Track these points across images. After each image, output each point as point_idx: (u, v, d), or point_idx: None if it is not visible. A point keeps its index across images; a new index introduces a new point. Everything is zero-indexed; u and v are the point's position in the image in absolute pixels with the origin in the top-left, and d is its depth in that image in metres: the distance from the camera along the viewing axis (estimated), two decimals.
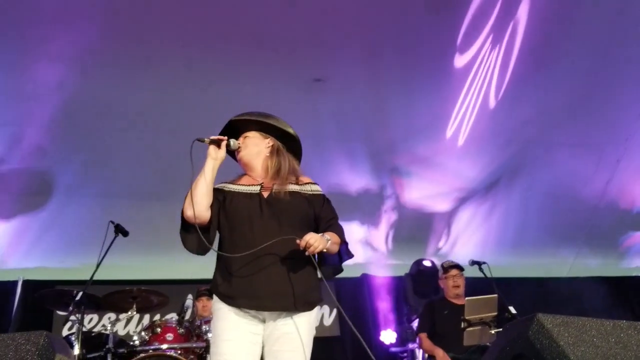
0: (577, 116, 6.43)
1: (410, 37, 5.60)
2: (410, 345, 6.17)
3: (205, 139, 2.69)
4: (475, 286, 5.68)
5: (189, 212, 2.57)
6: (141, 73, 5.47)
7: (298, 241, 2.45)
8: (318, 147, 6.26)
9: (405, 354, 6.38)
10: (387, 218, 7.12)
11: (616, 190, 7.15)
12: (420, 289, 6.46)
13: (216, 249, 2.64)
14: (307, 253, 2.45)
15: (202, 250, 2.67)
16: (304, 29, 5.40)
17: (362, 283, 7.23)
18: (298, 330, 2.52)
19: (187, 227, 2.66)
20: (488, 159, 6.76)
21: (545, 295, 6.90)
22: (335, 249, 2.63)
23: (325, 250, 2.49)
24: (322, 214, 2.74)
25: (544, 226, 7.23)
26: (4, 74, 5.36)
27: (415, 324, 5.60)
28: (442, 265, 5.33)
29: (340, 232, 2.70)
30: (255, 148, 2.79)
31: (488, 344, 4.46)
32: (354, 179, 6.72)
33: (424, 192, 6.97)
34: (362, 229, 7.18)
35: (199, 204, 2.57)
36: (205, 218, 2.61)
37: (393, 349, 6.61)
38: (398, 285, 7.14)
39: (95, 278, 4.29)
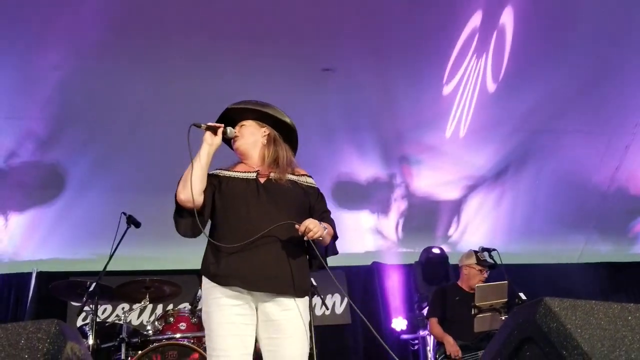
0: (585, 103, 6.40)
1: (417, 27, 5.59)
2: (421, 332, 6.21)
3: (202, 125, 2.71)
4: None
5: (182, 196, 2.59)
6: (151, 66, 5.51)
7: (297, 226, 2.48)
8: (327, 137, 6.27)
9: (416, 341, 6.42)
10: (397, 207, 7.13)
11: (625, 176, 7.13)
12: (430, 277, 6.47)
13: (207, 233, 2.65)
14: (305, 238, 2.48)
15: (193, 233, 2.66)
16: (311, 19, 5.40)
17: (373, 271, 7.26)
18: (295, 316, 2.52)
19: (180, 211, 2.67)
20: (496, 147, 6.76)
21: (555, 281, 6.90)
22: (328, 239, 2.65)
23: (320, 238, 2.52)
24: (316, 206, 2.76)
25: (553, 213, 7.21)
26: (15, 67, 5.40)
27: (425, 311, 5.62)
28: (476, 255, 5.05)
29: (333, 226, 2.73)
30: (252, 137, 2.79)
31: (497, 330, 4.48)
32: (364, 168, 6.74)
33: (433, 180, 6.97)
34: (372, 218, 7.20)
35: (194, 188, 2.56)
36: (198, 202, 2.60)
37: (404, 336, 6.64)
38: (408, 273, 7.16)
39: (108, 269, 4.34)
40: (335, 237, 2.75)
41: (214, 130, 2.71)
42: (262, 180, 2.68)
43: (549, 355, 1.56)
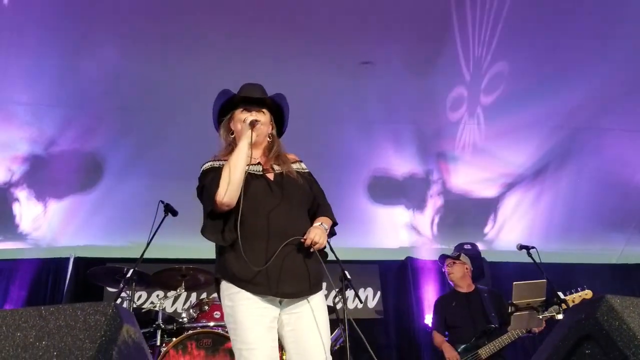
0: (628, 101, 6.24)
1: (461, 22, 5.51)
2: None
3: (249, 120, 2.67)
4: (522, 271, 5.65)
5: (226, 199, 2.46)
6: (190, 54, 5.53)
7: (303, 240, 2.49)
8: (364, 131, 6.24)
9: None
10: (433, 203, 7.07)
11: None
12: None
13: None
14: (312, 250, 2.50)
15: (225, 241, 2.54)
16: (351, 12, 5.36)
17: (407, 266, 7.21)
18: (315, 311, 2.53)
19: (214, 215, 2.55)
20: (536, 145, 6.64)
21: (594, 281, 6.75)
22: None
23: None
24: (316, 192, 2.76)
25: (593, 212, 7.07)
26: (57, 57, 5.49)
27: None
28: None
29: (331, 213, 2.72)
30: (266, 129, 2.77)
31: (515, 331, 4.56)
32: (401, 163, 6.68)
33: (470, 177, 6.90)
34: (408, 214, 7.15)
35: (237, 192, 2.48)
36: (233, 206, 2.51)
37: None
38: (442, 269, 7.10)
39: (145, 256, 4.39)
40: (334, 223, 2.74)
41: (253, 125, 2.67)
42: (270, 176, 2.66)
43: (610, 354, 1.51)
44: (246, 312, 2.43)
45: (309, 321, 2.50)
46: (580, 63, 5.92)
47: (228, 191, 2.47)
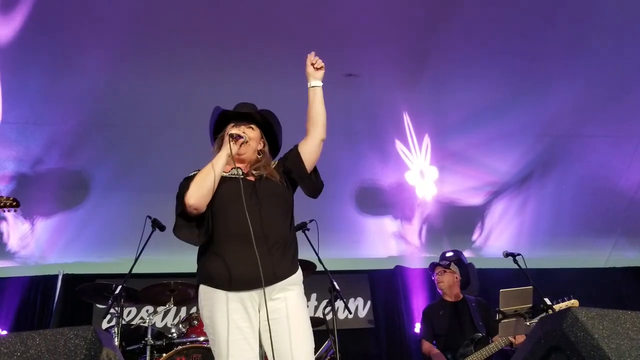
0: (611, 108, 6.32)
1: (442, 34, 5.56)
2: None
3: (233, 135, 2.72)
4: (510, 278, 5.68)
5: (192, 200, 2.53)
6: (174, 69, 5.56)
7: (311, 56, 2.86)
8: (350, 142, 6.27)
9: None
10: (420, 212, 7.11)
11: None
12: None
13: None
14: (315, 66, 2.83)
15: (197, 241, 2.61)
16: (336, 26, 5.40)
17: (396, 275, 7.24)
18: (294, 306, 2.54)
19: (185, 215, 2.60)
20: (521, 153, 6.70)
21: (581, 286, 6.81)
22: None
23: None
24: (293, 159, 2.79)
25: (579, 218, 7.14)
26: (41, 75, 5.51)
27: None
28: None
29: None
30: (255, 144, 2.83)
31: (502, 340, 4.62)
32: (387, 174, 6.72)
33: (456, 186, 6.95)
34: (395, 223, 7.19)
35: (206, 197, 2.55)
36: (203, 210, 2.58)
37: None
38: (431, 277, 7.13)
39: (133, 272, 4.39)
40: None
41: (235, 140, 2.71)
42: (249, 178, 2.70)
43: None
44: (224, 326, 2.43)
45: (292, 320, 2.50)
46: (562, 71, 6.00)
47: (196, 194, 2.54)
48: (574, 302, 4.45)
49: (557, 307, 4.36)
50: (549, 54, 5.89)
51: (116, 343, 4.15)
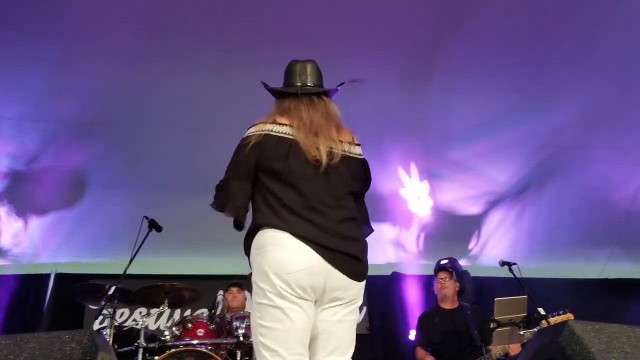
0: (612, 120, 6.32)
1: (448, 43, 5.55)
2: None
3: None
4: (506, 287, 5.68)
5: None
6: (177, 69, 5.53)
7: None
8: None
9: None
10: (419, 220, 7.10)
11: None
12: None
13: None
14: None
15: None
16: (343, 31, 5.39)
17: (393, 281, 7.23)
18: None
19: None
20: (520, 163, 6.71)
21: (576, 297, 6.82)
22: None
23: None
24: None
25: (575, 229, 7.13)
26: (43, 71, 5.48)
27: None
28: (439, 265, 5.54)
29: None
30: None
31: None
32: (386, 180, 6.71)
33: (455, 195, 6.96)
34: (394, 230, 7.18)
35: None
36: None
37: None
38: (428, 284, 7.13)
39: (128, 273, 4.37)
40: None
41: None
42: None
43: None
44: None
45: None
46: (564, 83, 5.99)
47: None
48: (569, 316, 4.44)
49: (552, 320, 4.35)
50: (554, 66, 5.88)
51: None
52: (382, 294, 7.16)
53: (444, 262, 5.82)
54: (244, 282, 5.13)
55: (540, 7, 5.39)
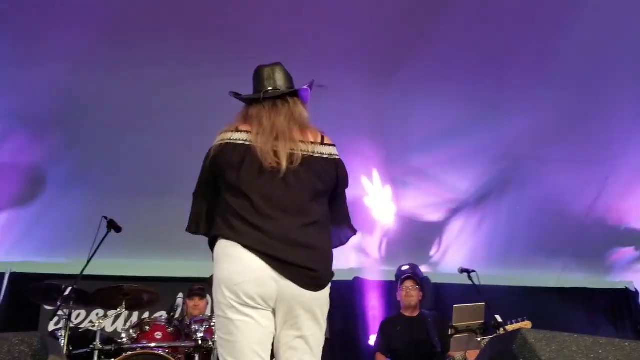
0: (569, 133, 6.46)
1: (409, 52, 5.61)
2: None
3: None
4: (467, 293, 5.77)
5: None
6: (135, 70, 5.44)
7: None
8: None
9: None
10: (382, 226, 7.15)
11: (604, 207, 7.20)
12: None
13: None
14: None
15: None
16: (309, 36, 5.39)
17: (354, 287, 7.26)
18: None
19: None
20: (480, 172, 6.80)
21: (532, 304, 6.97)
22: None
23: None
24: None
25: (531, 239, 7.27)
26: None
27: None
28: (398, 275, 5.56)
29: None
30: None
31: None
32: (349, 187, 6.71)
33: (418, 202, 7.01)
34: (357, 236, 7.19)
35: None
36: None
37: None
38: (390, 290, 7.18)
39: (85, 273, 4.29)
40: None
41: None
42: None
43: None
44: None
45: None
46: (522, 94, 6.10)
47: None
48: (527, 324, 4.53)
49: (509, 327, 4.44)
50: (511, 77, 5.98)
51: (63, 346, 4.05)
52: (343, 299, 7.17)
53: (405, 267, 5.87)
54: (205, 287, 5.07)
55: (499, 20, 5.49)
